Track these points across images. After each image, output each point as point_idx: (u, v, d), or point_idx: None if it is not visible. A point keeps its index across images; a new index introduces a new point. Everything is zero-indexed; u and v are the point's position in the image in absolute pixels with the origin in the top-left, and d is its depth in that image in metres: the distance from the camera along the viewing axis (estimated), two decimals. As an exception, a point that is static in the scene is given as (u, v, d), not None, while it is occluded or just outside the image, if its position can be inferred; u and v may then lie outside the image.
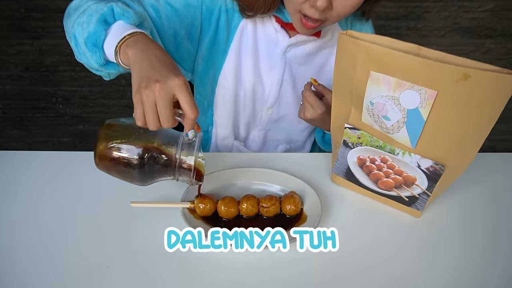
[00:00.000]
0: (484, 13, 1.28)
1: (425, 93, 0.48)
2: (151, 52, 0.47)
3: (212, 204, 0.55)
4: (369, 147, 0.58)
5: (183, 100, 0.44)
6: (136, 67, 0.46)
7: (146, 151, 0.49)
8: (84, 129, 1.55)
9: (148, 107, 0.43)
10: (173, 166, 0.50)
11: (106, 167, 0.50)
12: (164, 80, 0.43)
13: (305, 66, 0.74)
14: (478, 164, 0.66)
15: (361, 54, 0.51)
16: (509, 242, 0.55)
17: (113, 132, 0.49)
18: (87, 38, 0.51)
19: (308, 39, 0.71)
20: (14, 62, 1.37)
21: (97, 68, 0.55)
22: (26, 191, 0.61)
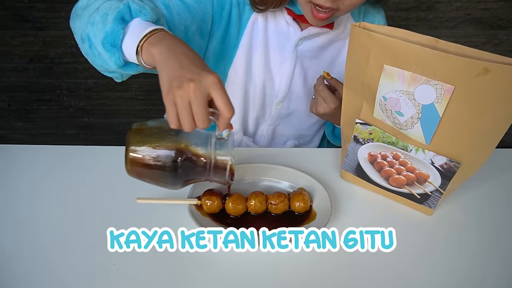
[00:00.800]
0: (497, 3, 1.24)
1: (442, 88, 0.46)
2: (177, 49, 0.44)
3: (219, 201, 0.54)
4: (380, 143, 0.56)
5: (218, 99, 0.41)
6: (164, 66, 0.43)
7: (180, 154, 0.47)
8: (89, 121, 1.54)
9: (183, 108, 0.41)
10: (208, 167, 0.49)
11: (138, 173, 0.49)
12: (198, 78, 0.40)
13: (317, 60, 0.72)
14: (491, 161, 0.65)
15: (374, 47, 0.49)
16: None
17: (143, 136, 0.47)
18: (104, 39, 0.48)
19: (321, 31, 0.69)
20: (18, 53, 1.36)
21: (115, 69, 0.52)
22: (30, 186, 0.61)
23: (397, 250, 0.52)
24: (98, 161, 0.66)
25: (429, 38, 0.50)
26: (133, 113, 1.52)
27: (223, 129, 0.45)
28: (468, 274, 0.49)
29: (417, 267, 0.49)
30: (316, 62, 0.72)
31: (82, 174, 0.63)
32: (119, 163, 0.65)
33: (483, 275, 0.49)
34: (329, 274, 0.48)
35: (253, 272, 0.48)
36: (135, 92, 1.46)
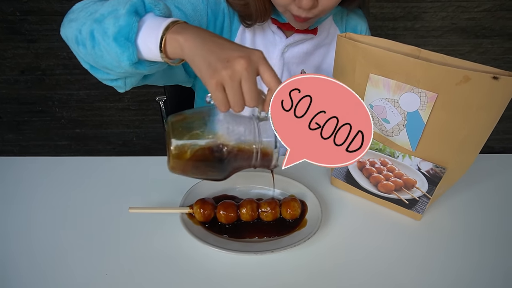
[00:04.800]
0: (481, 13, 1.28)
1: (425, 96, 0.48)
2: (207, 35, 0.42)
3: (211, 209, 0.54)
4: (369, 150, 0.57)
5: (267, 73, 0.41)
6: (200, 51, 0.41)
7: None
8: (82, 132, 1.54)
9: (234, 88, 0.39)
10: (255, 154, 0.46)
11: (183, 168, 0.46)
12: (247, 55, 0.39)
13: (303, 65, 0.74)
14: (477, 166, 0.66)
15: (360, 57, 0.51)
16: (510, 244, 0.55)
17: (184, 127, 0.44)
18: (117, 33, 0.44)
19: (305, 37, 0.71)
20: (9, 66, 1.36)
21: (127, 68, 0.47)
22: (22, 197, 0.60)
23: (386, 255, 0.52)
24: (89, 172, 0.66)
25: (412, 48, 0.51)
26: (126, 124, 1.52)
27: (268, 108, 0.43)
28: (457, 277, 0.50)
29: (406, 272, 0.50)
30: (303, 67, 0.74)
31: (73, 185, 0.63)
32: (111, 173, 0.66)
33: (472, 279, 0.50)
34: (316, 279, 0.49)
35: (250, 273, 0.49)
36: (128, 103, 1.46)
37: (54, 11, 1.24)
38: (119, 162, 0.69)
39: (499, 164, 0.72)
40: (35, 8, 1.24)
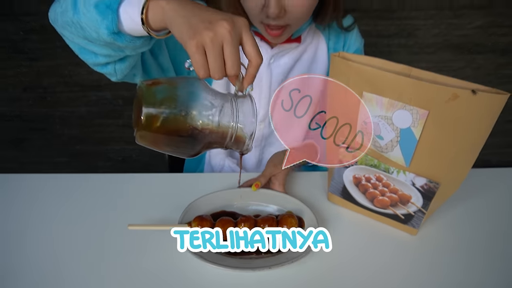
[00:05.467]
0: (473, 29, 1.31)
1: (417, 113, 0.49)
2: (190, 1, 0.41)
3: (209, 226, 0.55)
4: (364, 166, 0.59)
5: (250, 43, 0.39)
6: (182, 13, 0.40)
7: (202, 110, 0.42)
8: (81, 149, 1.55)
9: (215, 51, 0.37)
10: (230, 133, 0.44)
11: (152, 139, 0.42)
12: (231, 18, 0.38)
13: (292, 73, 0.76)
14: (472, 180, 0.67)
15: (353, 75, 0.52)
16: (505, 258, 0.55)
17: (159, 93, 0.41)
18: (98, 2, 0.44)
19: (290, 46, 0.73)
20: (12, 83, 1.38)
21: (105, 38, 0.45)
22: (19, 214, 0.61)
23: (383, 270, 0.53)
24: (87, 189, 0.67)
25: (403, 67, 0.53)
26: (126, 140, 1.53)
27: (250, 83, 0.42)
28: (453, 292, 0.50)
29: (404, 286, 0.50)
30: (292, 75, 0.76)
31: (71, 202, 0.64)
32: (109, 190, 0.67)
33: (467, 293, 0.50)
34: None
35: None
36: (128, 119, 1.48)
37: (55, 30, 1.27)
38: (118, 179, 0.70)
39: (494, 178, 0.73)
40: (37, 27, 1.27)
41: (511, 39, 1.33)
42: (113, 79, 0.58)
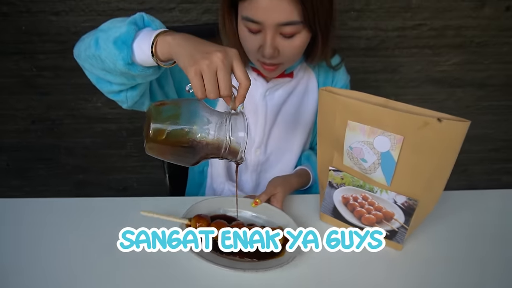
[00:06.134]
0: (451, 66, 1.43)
1: (394, 138, 0.56)
2: (191, 37, 0.51)
3: (205, 224, 0.62)
4: (351, 187, 0.65)
5: (239, 69, 0.48)
6: (184, 46, 0.50)
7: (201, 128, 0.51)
8: (84, 178, 1.60)
9: (210, 75, 0.46)
10: (224, 147, 0.52)
11: (158, 150, 0.51)
12: (224, 49, 0.48)
13: (285, 105, 0.85)
14: (455, 200, 0.75)
15: (339, 107, 0.60)
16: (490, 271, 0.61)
17: (165, 112, 0.50)
18: (117, 38, 0.53)
19: (283, 81, 0.82)
20: (22, 116, 1.46)
21: (122, 68, 0.54)
22: (21, 238, 0.64)
23: (371, 284, 0.58)
24: (86, 213, 0.71)
25: (381, 99, 0.61)
26: (128, 170, 1.59)
27: (241, 102, 0.50)
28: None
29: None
30: (285, 107, 0.85)
31: (73, 226, 0.67)
32: (115, 213, 0.71)
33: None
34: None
35: None
36: (130, 150, 1.55)
37: (68, 67, 1.37)
38: (120, 203, 0.75)
39: (477, 199, 0.79)
40: (50, 64, 1.36)
41: (486, 74, 1.46)
42: (124, 106, 0.67)
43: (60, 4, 1.26)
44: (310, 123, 0.88)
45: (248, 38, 0.69)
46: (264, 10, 0.64)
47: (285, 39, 0.68)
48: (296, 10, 0.64)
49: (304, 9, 0.64)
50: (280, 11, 0.64)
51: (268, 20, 0.65)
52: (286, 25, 0.65)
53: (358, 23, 1.34)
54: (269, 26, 0.66)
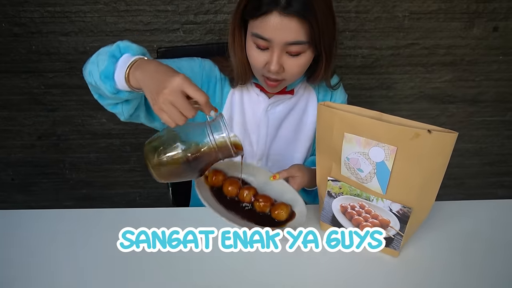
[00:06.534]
0: (443, 83, 1.49)
1: (388, 149, 0.60)
2: (150, 69, 0.58)
3: (220, 179, 0.70)
4: (349, 196, 0.69)
5: (190, 91, 0.54)
6: (145, 86, 0.57)
7: (190, 147, 0.58)
8: (87, 193, 1.63)
9: (169, 108, 0.53)
10: (214, 151, 0.58)
11: (164, 176, 0.60)
12: (168, 83, 0.53)
13: (286, 120, 0.89)
14: (449, 210, 0.78)
15: (337, 120, 0.64)
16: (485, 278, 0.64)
17: (153, 149, 0.59)
18: (101, 73, 0.61)
19: (284, 97, 0.87)
20: (28, 132, 1.50)
21: (111, 96, 0.64)
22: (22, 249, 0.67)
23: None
24: (101, 222, 0.74)
25: (376, 113, 0.65)
26: (130, 184, 1.62)
27: (209, 112, 0.56)
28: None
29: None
30: (286, 122, 0.89)
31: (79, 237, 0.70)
32: (113, 225, 0.74)
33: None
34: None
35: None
36: (134, 165, 1.58)
37: (75, 85, 1.42)
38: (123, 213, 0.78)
39: (473, 209, 0.82)
40: (58, 82, 1.41)
41: (477, 91, 1.51)
42: (122, 119, 0.74)
43: (70, 25, 1.33)
44: (310, 138, 0.92)
45: (256, 54, 0.74)
46: (274, 29, 0.68)
47: (290, 58, 0.73)
48: (303, 31, 0.69)
49: (311, 30, 0.69)
50: (289, 31, 0.68)
51: (276, 39, 0.69)
52: (293, 44, 0.70)
53: (353, 42, 1.41)
54: (277, 44, 0.70)
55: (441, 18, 1.38)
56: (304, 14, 0.67)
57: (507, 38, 1.42)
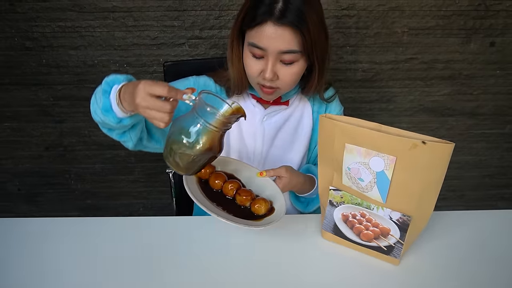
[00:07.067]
0: (442, 96, 1.52)
1: (388, 159, 0.63)
2: (129, 89, 0.63)
3: (208, 171, 0.76)
4: (350, 205, 0.71)
5: (153, 91, 0.58)
6: (132, 105, 0.62)
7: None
8: (92, 203, 1.65)
9: (150, 114, 0.59)
10: (207, 124, 0.61)
11: (189, 169, 0.67)
12: (136, 94, 0.59)
13: (281, 130, 0.92)
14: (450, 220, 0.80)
15: (338, 131, 0.67)
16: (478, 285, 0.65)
17: (167, 148, 0.65)
18: (102, 109, 0.67)
19: (279, 108, 0.90)
20: (36, 143, 1.53)
21: (115, 126, 0.69)
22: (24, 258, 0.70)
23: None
24: (106, 231, 0.76)
25: (375, 124, 0.67)
26: (134, 195, 1.64)
27: (181, 96, 0.59)
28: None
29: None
30: (281, 132, 0.92)
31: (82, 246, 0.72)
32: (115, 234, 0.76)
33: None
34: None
35: None
36: (138, 175, 1.60)
37: (82, 97, 1.45)
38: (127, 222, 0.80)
39: (473, 219, 0.83)
40: (67, 94, 1.45)
41: (476, 104, 1.54)
42: (130, 146, 0.77)
43: (79, 39, 1.37)
44: (305, 147, 0.95)
45: (252, 63, 0.78)
46: (269, 38, 0.73)
47: (284, 66, 0.77)
48: (296, 40, 0.73)
49: (303, 40, 0.73)
50: (283, 40, 0.73)
51: (271, 47, 0.74)
52: (287, 53, 0.75)
53: (354, 57, 1.45)
54: (271, 53, 0.75)
55: (439, 34, 1.42)
56: (297, 24, 0.71)
57: (504, 53, 1.46)
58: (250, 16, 0.74)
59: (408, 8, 1.37)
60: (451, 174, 1.65)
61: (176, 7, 1.34)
